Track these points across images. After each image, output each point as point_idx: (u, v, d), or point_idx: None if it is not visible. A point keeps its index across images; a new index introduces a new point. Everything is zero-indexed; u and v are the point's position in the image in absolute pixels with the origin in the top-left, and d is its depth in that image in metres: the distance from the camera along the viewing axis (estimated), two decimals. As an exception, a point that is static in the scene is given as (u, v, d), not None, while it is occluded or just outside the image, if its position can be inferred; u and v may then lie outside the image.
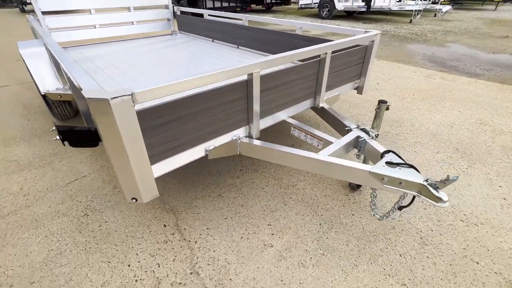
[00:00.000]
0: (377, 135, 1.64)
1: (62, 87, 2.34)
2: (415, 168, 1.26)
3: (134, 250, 1.52)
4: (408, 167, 1.28)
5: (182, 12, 4.30)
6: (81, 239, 1.58)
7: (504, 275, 1.38)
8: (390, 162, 1.30)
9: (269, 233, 1.63)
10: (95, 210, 1.79)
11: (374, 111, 1.66)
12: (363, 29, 2.15)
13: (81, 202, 1.85)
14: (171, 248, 1.53)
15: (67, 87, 2.27)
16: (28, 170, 2.18)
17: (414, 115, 3.02)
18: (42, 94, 2.29)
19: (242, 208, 1.80)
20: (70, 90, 2.13)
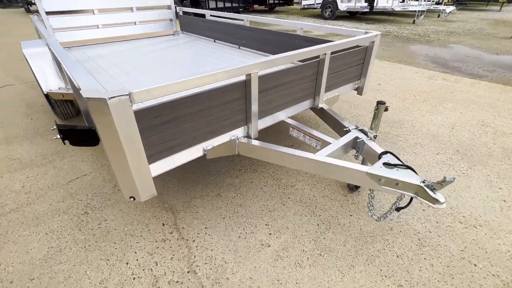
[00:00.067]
0: (375, 136, 1.64)
1: (64, 86, 2.37)
2: (412, 170, 1.26)
3: (132, 248, 1.53)
4: (405, 168, 1.28)
5: (185, 12, 4.33)
6: (80, 237, 1.60)
7: (502, 277, 1.38)
8: (387, 163, 1.30)
9: (266, 233, 1.63)
10: (95, 208, 1.81)
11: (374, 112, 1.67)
12: (365, 29, 2.16)
13: (81, 201, 1.87)
14: (169, 247, 1.54)
15: (69, 87, 2.29)
16: (30, 168, 2.21)
17: (415, 116, 3.01)
18: (45, 93, 2.33)
19: (241, 207, 1.81)
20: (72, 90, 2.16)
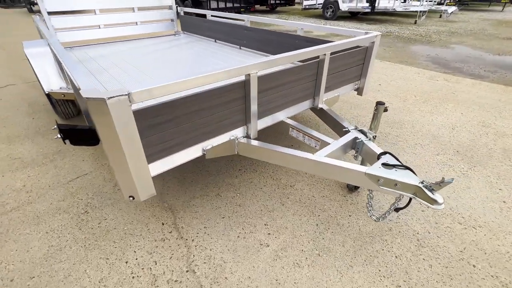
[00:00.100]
0: (374, 136, 1.64)
1: (65, 86, 2.38)
2: (411, 170, 1.26)
3: (132, 248, 1.54)
4: (404, 168, 1.28)
5: (186, 12, 4.34)
6: (80, 236, 1.61)
7: (500, 278, 1.37)
8: (386, 164, 1.31)
9: (265, 232, 1.64)
10: (95, 207, 1.82)
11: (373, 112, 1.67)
12: (367, 30, 2.16)
13: (81, 200, 1.88)
14: (168, 246, 1.55)
15: (70, 87, 2.31)
16: (31, 167, 2.23)
17: (415, 117, 3.00)
18: (46, 93, 2.34)
19: (240, 207, 1.82)
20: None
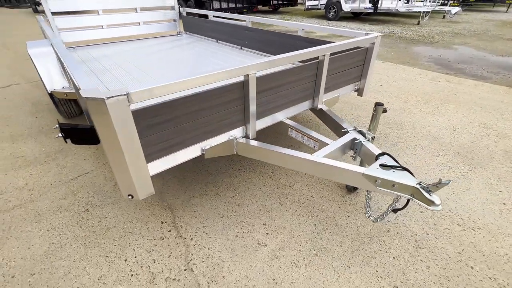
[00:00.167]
0: (373, 137, 1.64)
1: (68, 86, 2.41)
2: (409, 171, 1.27)
3: (131, 246, 1.56)
4: (402, 169, 1.28)
5: (188, 13, 4.36)
6: (81, 234, 1.63)
7: (498, 280, 1.37)
8: (384, 165, 1.31)
9: (263, 232, 1.65)
10: (96, 206, 1.84)
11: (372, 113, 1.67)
12: (369, 30, 2.17)
13: (82, 198, 1.90)
14: (167, 245, 1.56)
15: (72, 86, 2.33)
16: (34, 166, 2.25)
17: (416, 118, 2.99)
18: (49, 92, 2.37)
19: (239, 207, 1.83)
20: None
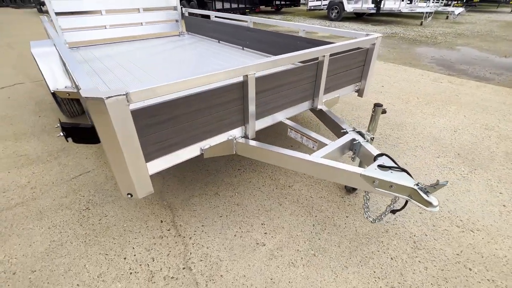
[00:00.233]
0: (372, 138, 1.64)
1: (70, 85, 2.43)
2: (407, 172, 1.27)
3: (130, 244, 1.57)
4: (400, 170, 1.29)
5: (190, 13, 4.38)
6: (81, 232, 1.65)
7: (497, 282, 1.37)
8: (382, 165, 1.31)
9: (262, 232, 1.65)
10: (96, 204, 1.86)
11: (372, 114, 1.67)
12: (372, 31, 2.17)
13: (83, 196, 1.93)
14: (166, 243, 1.58)
15: (74, 86, 2.36)
16: (36, 164, 2.28)
17: (417, 119, 2.99)
18: (52, 91, 2.40)
19: (238, 207, 1.84)
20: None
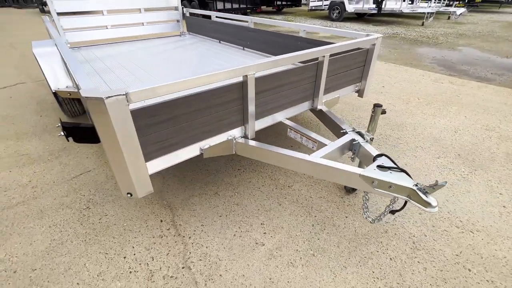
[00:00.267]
0: (372, 138, 1.64)
1: (71, 85, 2.45)
2: (406, 173, 1.27)
3: (130, 243, 1.58)
4: (399, 171, 1.29)
5: (191, 13, 4.39)
6: (81, 231, 1.66)
7: (496, 283, 1.37)
8: (381, 166, 1.31)
9: (261, 232, 1.66)
10: (97, 203, 1.87)
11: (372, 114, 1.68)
12: (373, 31, 2.17)
13: (84, 196, 1.94)
14: (165, 243, 1.58)
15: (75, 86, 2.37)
16: (37, 163, 2.29)
17: (417, 119, 2.98)
18: (53, 91, 2.41)
19: (237, 206, 1.84)
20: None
